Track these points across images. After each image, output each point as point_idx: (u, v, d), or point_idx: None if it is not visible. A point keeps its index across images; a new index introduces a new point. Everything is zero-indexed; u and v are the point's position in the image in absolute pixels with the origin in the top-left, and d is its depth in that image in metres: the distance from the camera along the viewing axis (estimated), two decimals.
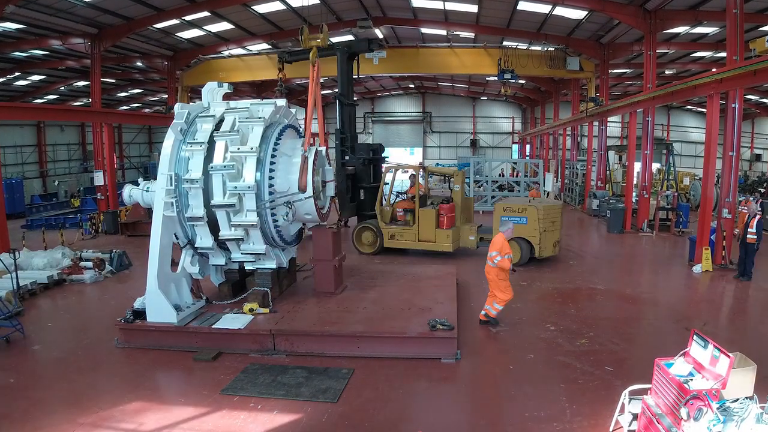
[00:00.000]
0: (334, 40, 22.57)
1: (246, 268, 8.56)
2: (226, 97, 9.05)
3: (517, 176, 25.74)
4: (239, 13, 18.13)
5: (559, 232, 12.43)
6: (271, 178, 7.81)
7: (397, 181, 14.99)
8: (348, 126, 15.07)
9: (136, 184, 8.53)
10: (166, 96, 24.08)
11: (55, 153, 33.44)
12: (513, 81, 22.60)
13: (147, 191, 8.22)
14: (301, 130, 9.16)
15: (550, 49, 20.88)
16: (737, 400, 4.10)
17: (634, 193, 18.46)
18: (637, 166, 17.83)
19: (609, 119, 22.41)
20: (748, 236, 10.75)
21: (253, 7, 17.76)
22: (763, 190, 27.35)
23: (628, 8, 15.54)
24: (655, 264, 13.30)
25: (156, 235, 7.58)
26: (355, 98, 15.69)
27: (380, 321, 7.58)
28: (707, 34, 18.75)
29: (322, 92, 21.78)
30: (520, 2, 16.89)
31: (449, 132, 44.14)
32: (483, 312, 8.23)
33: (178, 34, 19.73)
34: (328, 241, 8.69)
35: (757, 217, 10.86)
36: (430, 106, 44.24)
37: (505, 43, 22.14)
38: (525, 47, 21.80)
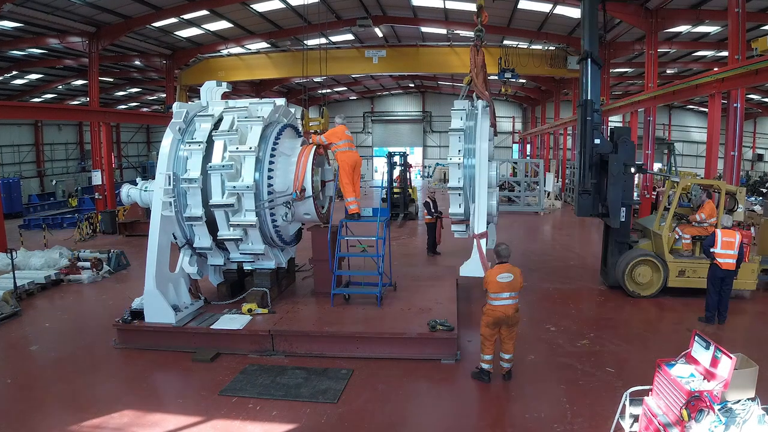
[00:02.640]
0: (334, 39, 22.68)
1: (245, 268, 8.53)
2: (225, 96, 9.01)
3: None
4: (238, 11, 18.07)
5: None
6: (270, 177, 7.78)
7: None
8: None
9: (134, 183, 8.51)
10: (165, 95, 24.02)
11: (52, 152, 33.35)
12: (513, 80, 22.51)
13: (145, 191, 8.20)
14: (299, 129, 9.12)
15: (550, 48, 20.83)
16: (739, 401, 4.06)
17: (635, 194, 18.40)
18: None
19: (610, 119, 22.34)
20: None
21: (252, 6, 17.70)
22: (765, 190, 27.32)
23: (629, 7, 15.48)
24: None
25: (154, 235, 7.53)
26: None
27: (380, 321, 7.54)
28: (709, 33, 18.69)
29: None
30: (521, 1, 16.84)
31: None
32: None
33: (177, 33, 19.66)
34: (326, 242, 8.64)
35: None
36: (430, 105, 44.17)
37: (505, 42, 22.08)
38: (525, 46, 21.75)
